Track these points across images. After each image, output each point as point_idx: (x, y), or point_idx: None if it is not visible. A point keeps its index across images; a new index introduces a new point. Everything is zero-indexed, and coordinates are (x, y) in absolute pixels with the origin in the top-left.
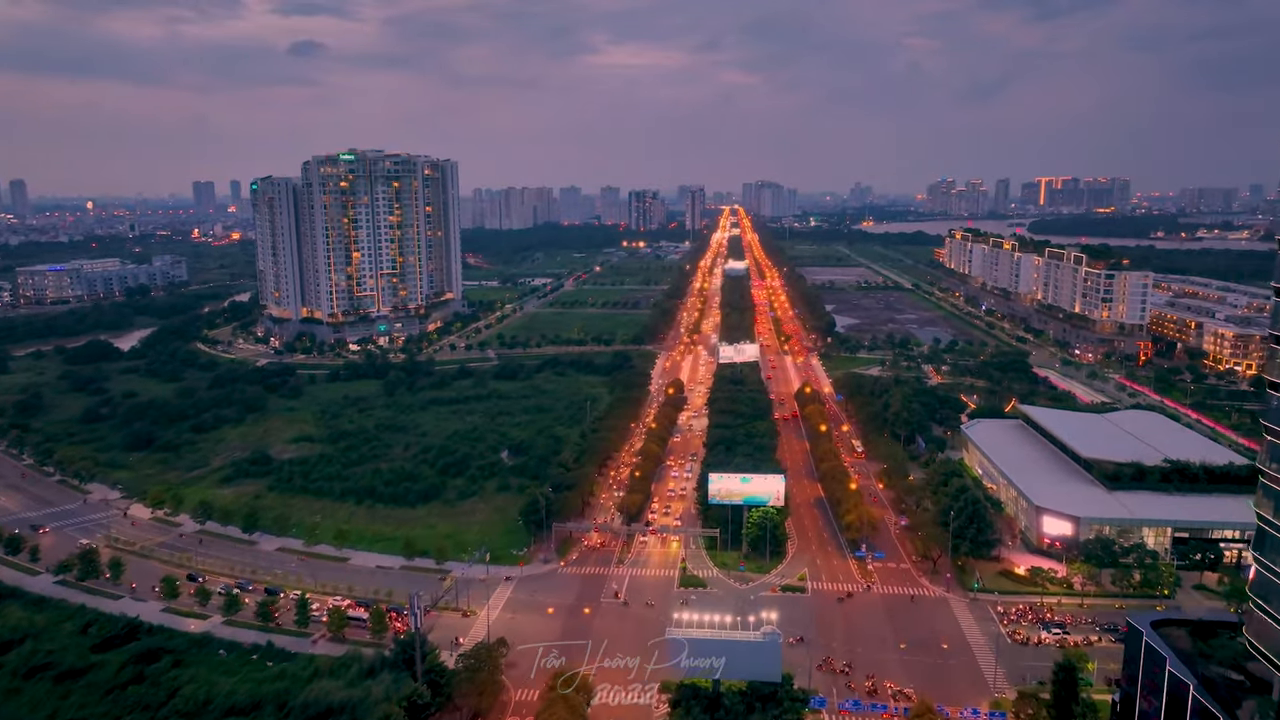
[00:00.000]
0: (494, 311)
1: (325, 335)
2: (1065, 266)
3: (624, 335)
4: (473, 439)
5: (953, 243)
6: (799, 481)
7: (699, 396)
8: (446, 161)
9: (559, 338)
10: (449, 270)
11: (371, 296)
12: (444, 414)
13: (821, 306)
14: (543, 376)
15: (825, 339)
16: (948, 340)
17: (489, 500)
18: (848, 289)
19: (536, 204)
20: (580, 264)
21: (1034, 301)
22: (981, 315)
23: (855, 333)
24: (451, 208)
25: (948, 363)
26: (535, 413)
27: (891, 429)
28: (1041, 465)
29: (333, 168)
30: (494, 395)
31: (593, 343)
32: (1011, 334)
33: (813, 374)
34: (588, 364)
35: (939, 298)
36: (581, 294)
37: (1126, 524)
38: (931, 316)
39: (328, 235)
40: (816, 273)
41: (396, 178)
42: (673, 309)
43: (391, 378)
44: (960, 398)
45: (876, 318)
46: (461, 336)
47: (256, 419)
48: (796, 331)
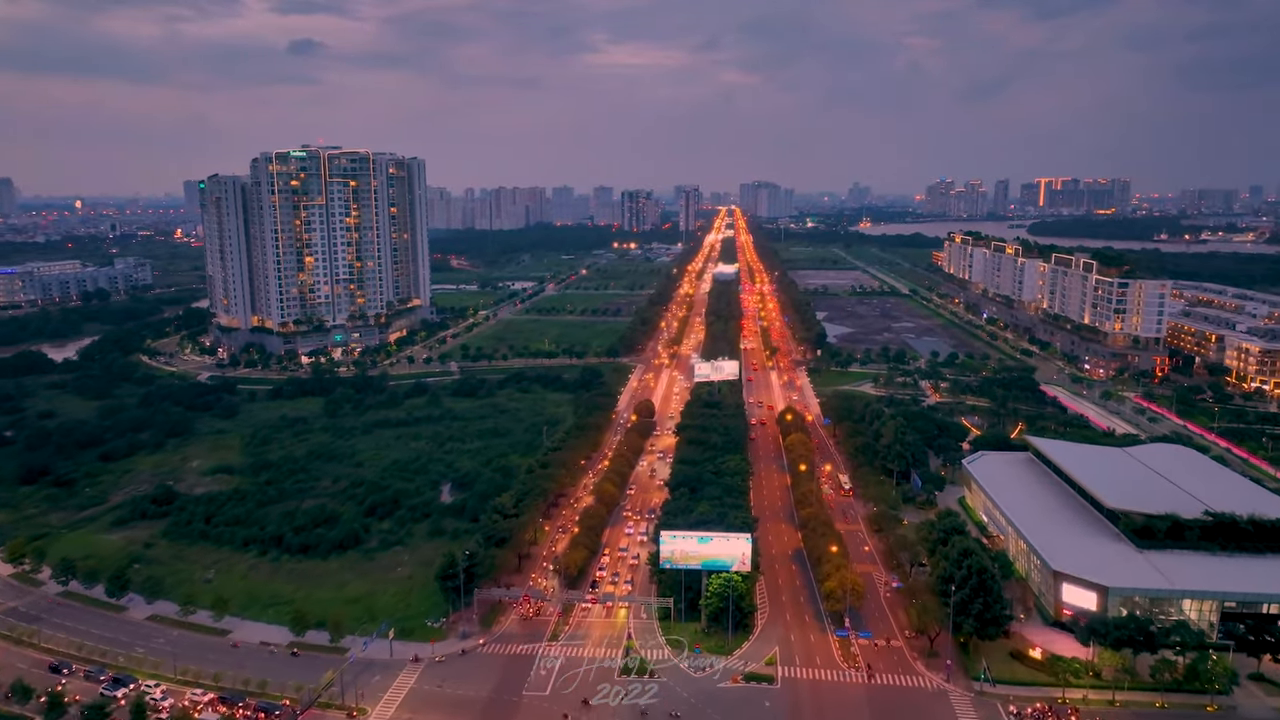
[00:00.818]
0: (465, 319)
1: (275, 347)
2: (1073, 274)
3: (599, 347)
4: (413, 470)
5: (952, 246)
6: (776, 526)
7: (672, 418)
8: (413, 159)
9: (527, 349)
10: (416, 275)
11: (326, 305)
12: (388, 438)
13: (812, 314)
14: (505, 394)
15: (815, 351)
16: (947, 353)
17: (417, 549)
18: (842, 294)
19: (529, 204)
20: (567, 266)
21: (1039, 310)
22: (982, 324)
23: (848, 344)
24: (419, 208)
25: (947, 378)
26: (490, 437)
27: (883, 463)
28: (1057, 514)
29: (283, 165)
30: (447, 416)
31: (564, 355)
32: (1015, 346)
33: (800, 391)
34: (555, 380)
35: (937, 304)
36: (562, 299)
37: (1165, 595)
38: (929, 325)
39: (277, 238)
40: (810, 277)
41: (354, 176)
42: (654, 317)
43: (337, 395)
44: (961, 422)
45: (871, 326)
46: (425, 347)
47: (178, 444)
48: (785, 342)
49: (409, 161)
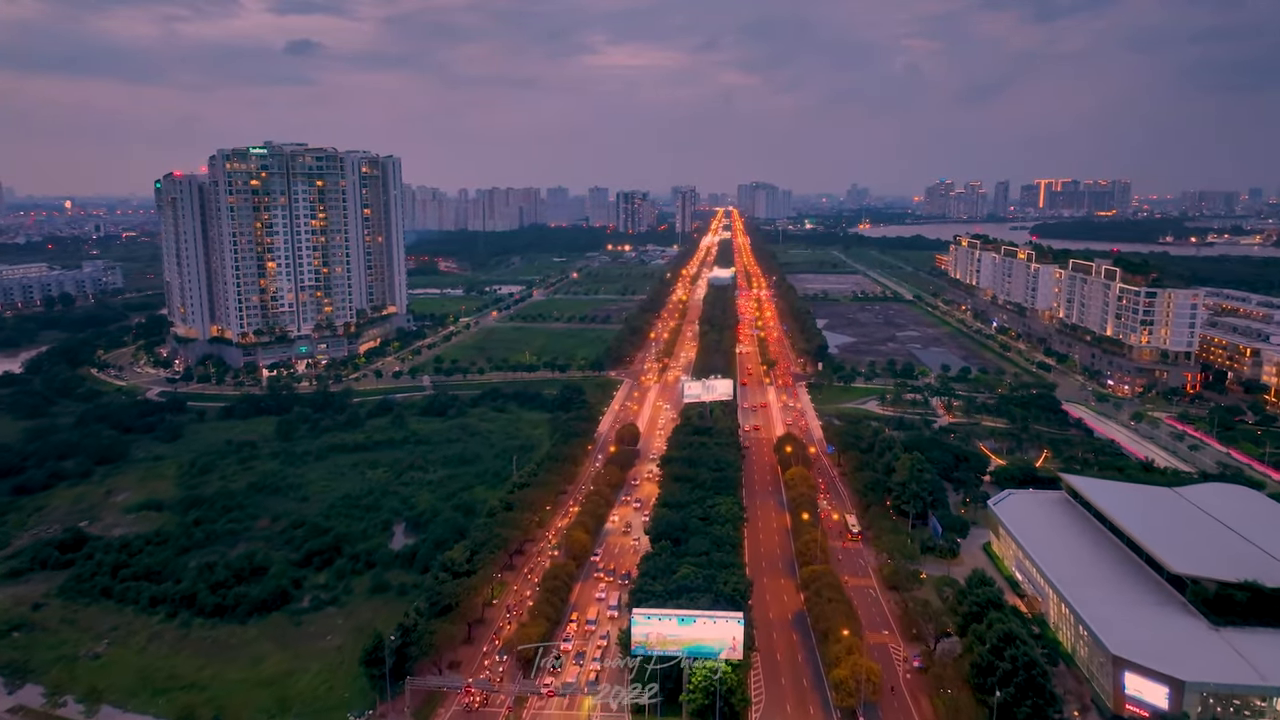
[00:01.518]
0: (445, 327)
1: (235, 359)
2: (1094, 282)
3: (585, 358)
4: (364, 506)
5: (958, 250)
6: (775, 582)
7: (658, 443)
8: (389, 158)
9: (506, 362)
10: (391, 281)
11: (290, 313)
12: (344, 465)
13: (813, 323)
14: (477, 413)
15: (815, 364)
16: (958, 366)
17: (354, 610)
18: (842, 300)
19: (523, 205)
20: (558, 270)
21: (1054, 320)
22: (993, 334)
23: (850, 355)
24: (394, 210)
25: (959, 396)
26: (456, 465)
27: (897, 503)
28: (1108, 576)
29: (241, 163)
30: (411, 439)
31: (546, 368)
32: (1029, 358)
33: (800, 410)
34: (533, 398)
35: (943, 311)
36: (550, 305)
37: (1256, 691)
38: (936, 334)
39: (236, 242)
40: (809, 281)
41: (320, 175)
42: (645, 326)
43: (293, 415)
44: (980, 449)
45: (874, 335)
46: (398, 359)
47: (108, 474)
48: (783, 353)
49: (383, 160)
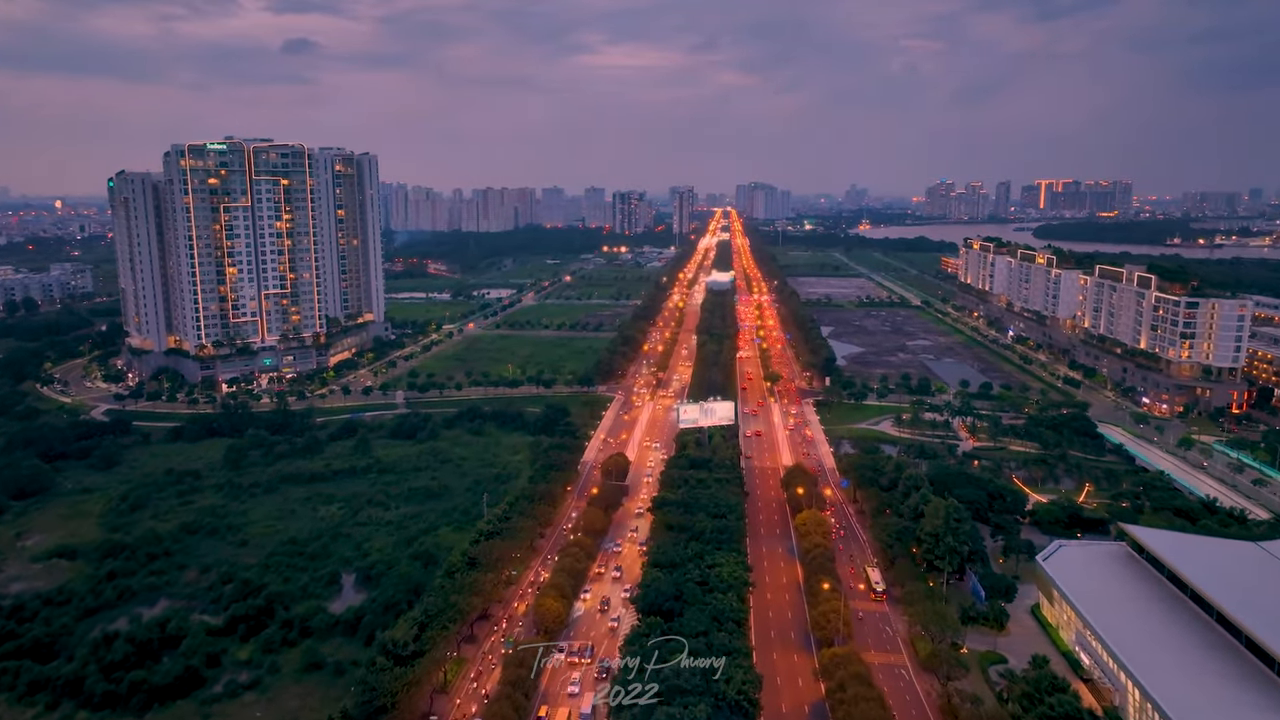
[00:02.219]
0: (426, 335)
1: (192, 373)
2: (1125, 290)
3: (572, 371)
4: (310, 553)
5: (969, 254)
6: (786, 658)
7: (650, 475)
8: (364, 155)
9: (487, 376)
10: (367, 286)
11: (252, 323)
12: (295, 500)
13: (817, 332)
14: (452, 436)
15: (823, 378)
16: (978, 382)
17: (277, 698)
18: (847, 305)
19: (518, 205)
20: (550, 272)
21: (1078, 330)
22: (1010, 343)
23: (859, 367)
24: (370, 210)
25: (983, 415)
26: (421, 499)
27: (928, 556)
28: (1201, 664)
29: (198, 159)
30: (375, 468)
31: (530, 382)
32: (1053, 371)
33: (808, 433)
34: (514, 418)
35: (954, 318)
36: (540, 311)
37: None
38: (948, 343)
39: (192, 246)
40: (811, 284)
41: (286, 173)
42: (639, 336)
43: (246, 439)
44: (1015, 484)
45: (883, 344)
46: (372, 371)
47: (24, 510)
48: (787, 366)
49: (359, 158)
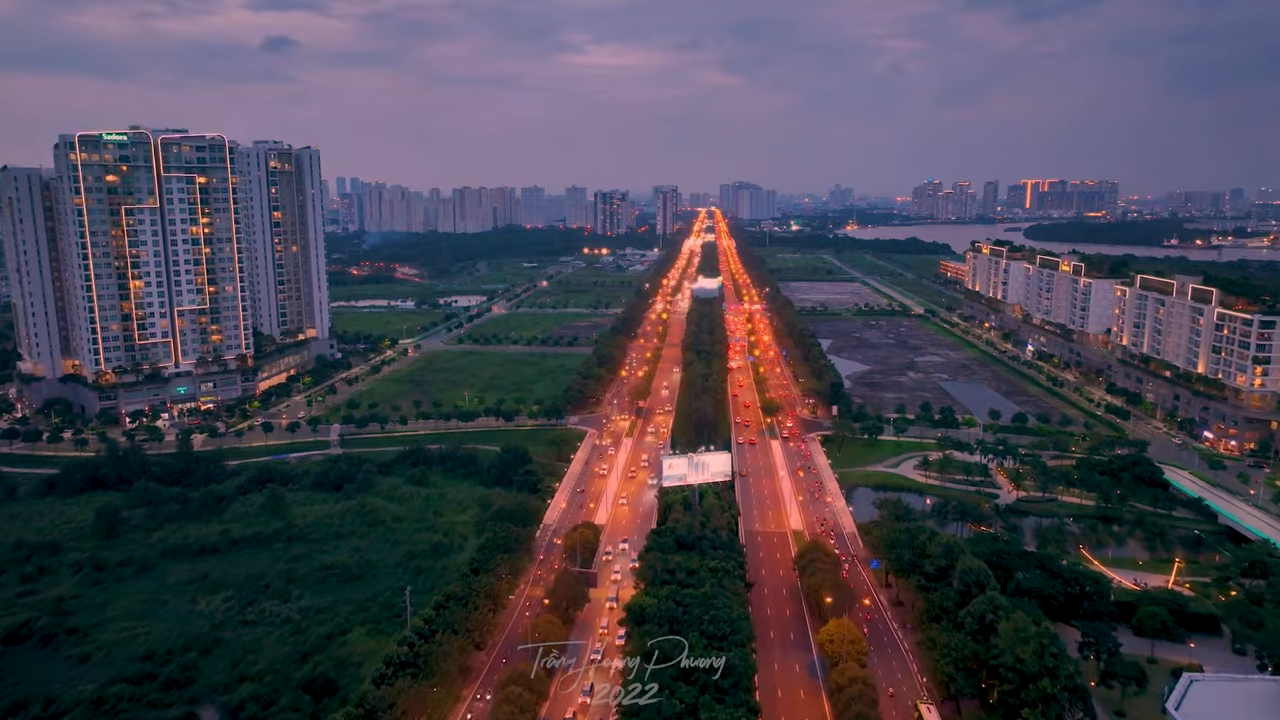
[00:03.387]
0: (378, 352)
1: (91, 403)
2: (1178, 305)
3: (539, 398)
4: (165, 680)
5: (977, 258)
6: None
7: (624, 545)
8: (304, 150)
9: (439, 406)
10: (309, 298)
11: (163, 345)
12: (175, 584)
13: (818, 349)
14: (388, 486)
15: (829, 407)
16: (1009, 411)
17: None
18: (844, 314)
19: (497, 205)
20: (526, 277)
21: (1112, 347)
22: (1031, 360)
23: (867, 390)
24: (312, 212)
25: (1024, 458)
26: (335, 585)
27: (1011, 699)
28: None
29: (93, 152)
30: (285, 534)
31: (489, 414)
32: (1087, 395)
33: (817, 477)
34: (466, 461)
35: (963, 329)
36: (511, 322)
37: None
38: (961, 359)
39: (85, 254)
40: (803, 290)
41: (203, 170)
42: (617, 354)
43: (133, 493)
44: (1087, 558)
45: (889, 361)
46: (307, 399)
47: None
48: (786, 389)
49: (298, 153)
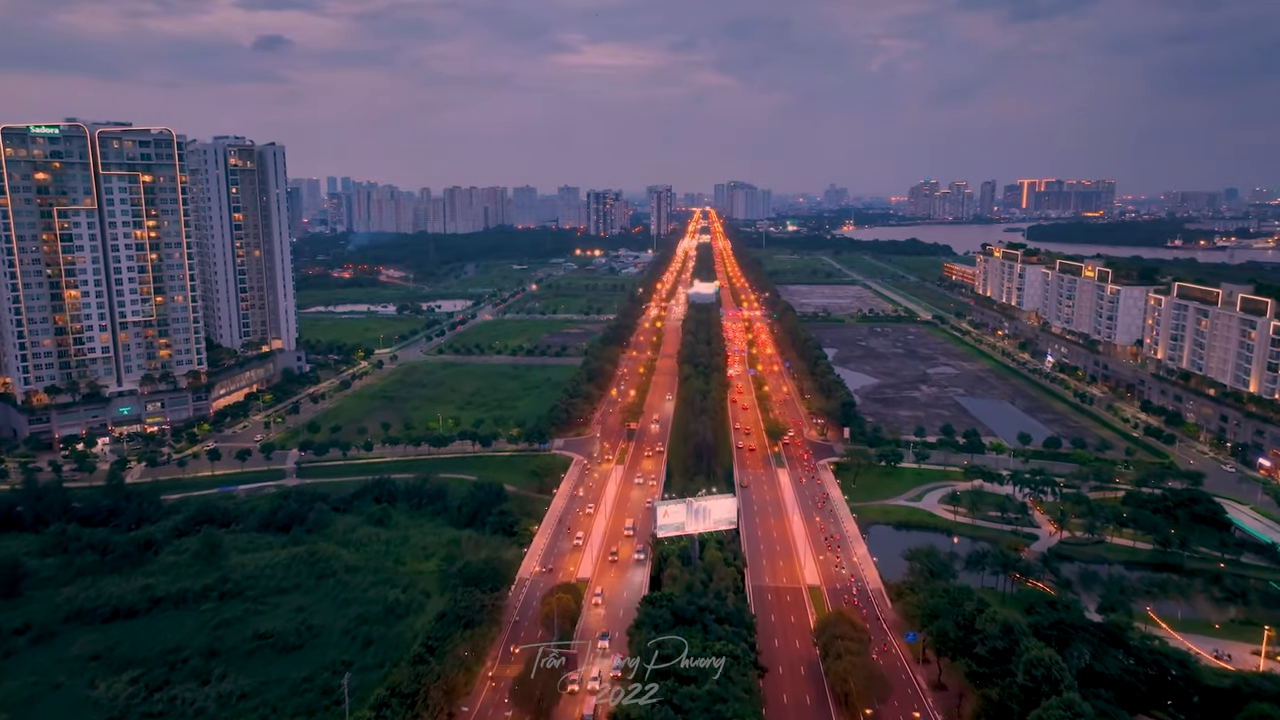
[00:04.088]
0: (351, 365)
1: (21, 426)
2: (1223, 316)
3: (521, 418)
4: None
5: (988, 262)
6: None
7: (610, 606)
8: (268, 146)
9: (409, 429)
10: (274, 307)
11: (104, 361)
12: (72, 661)
13: (824, 360)
14: (344, 527)
15: (840, 427)
16: (1034, 431)
17: None
18: (847, 321)
19: (488, 206)
20: (515, 280)
21: (1144, 359)
22: (1051, 372)
23: (879, 407)
24: (276, 214)
25: (1063, 492)
26: (268, 659)
27: None
28: None
29: (20, 148)
30: (219, 589)
31: (465, 438)
32: (1119, 413)
33: (831, 513)
34: (436, 495)
35: (974, 338)
36: (496, 329)
37: None
38: (976, 370)
39: (11, 260)
40: (803, 294)
41: (149, 167)
42: (608, 367)
43: (48, 535)
44: (1161, 629)
45: (900, 373)
46: (267, 418)
47: None
48: (792, 407)
49: (260, 150)
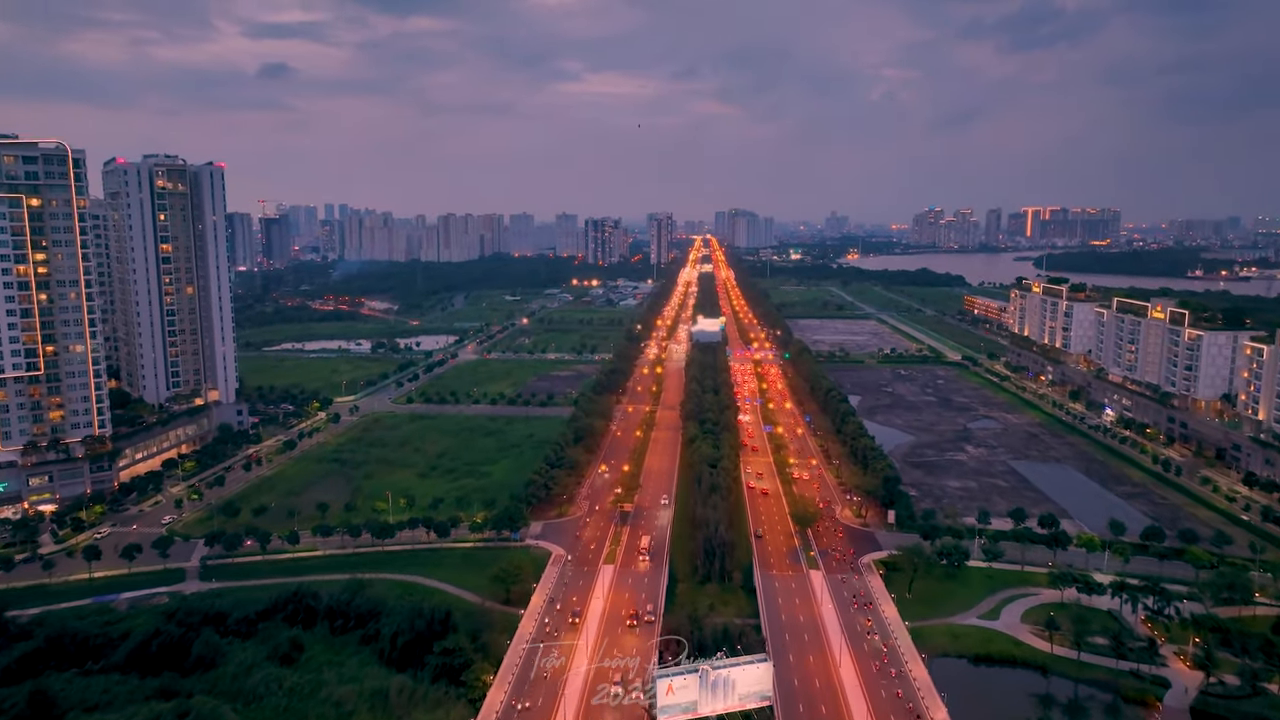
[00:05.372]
0: (301, 419)
1: None
2: None
3: (493, 493)
4: None
5: (1026, 298)
6: None
7: None
8: (204, 167)
9: (349, 512)
10: (211, 353)
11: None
12: None
13: (853, 418)
14: (239, 664)
15: (883, 509)
16: (1136, 521)
17: None
18: (866, 361)
19: (484, 233)
20: (506, 312)
21: (1232, 417)
22: (1113, 429)
23: (921, 475)
24: (213, 244)
25: (1188, 617)
26: None
27: None
28: None
29: None
30: None
31: (418, 523)
32: (1215, 488)
33: (890, 651)
34: (366, 616)
35: (1015, 384)
36: (478, 372)
37: None
38: (1023, 424)
39: None
40: (815, 330)
41: (35, 189)
42: (598, 424)
43: None
44: None
45: (936, 428)
46: (186, 491)
47: None
48: (820, 484)
49: (195, 170)
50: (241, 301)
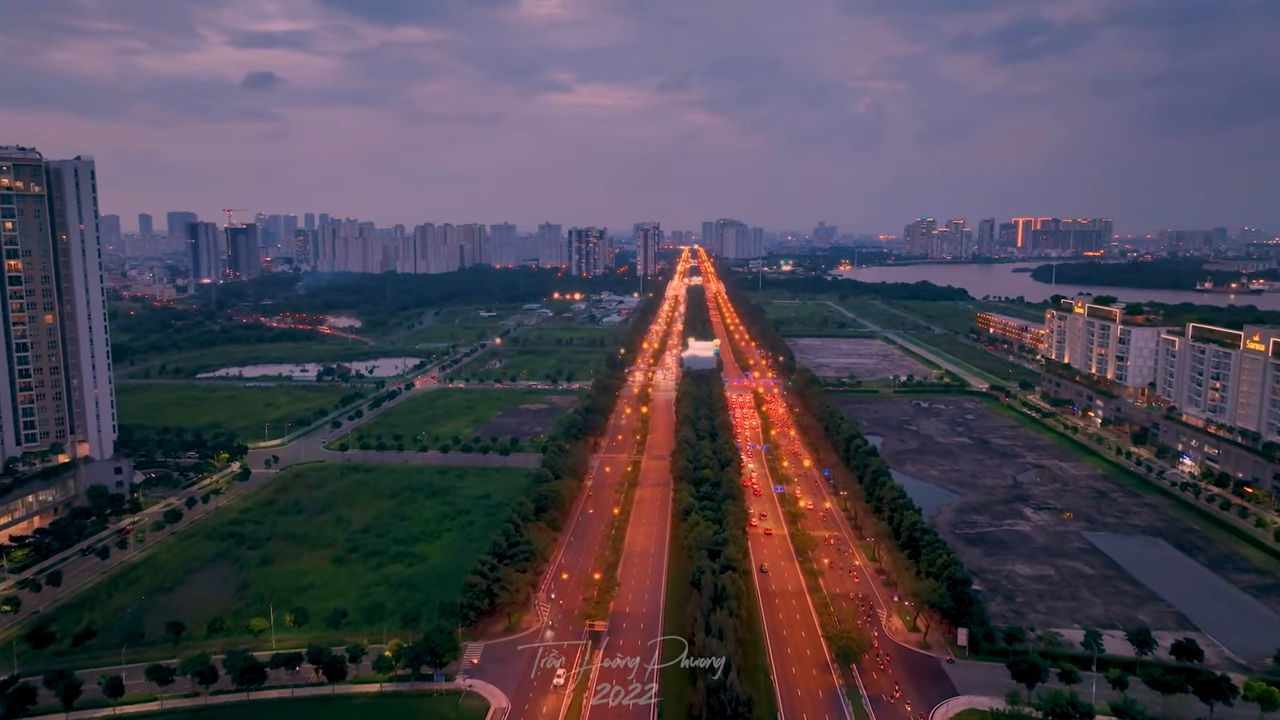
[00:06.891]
0: (204, 474)
1: None
2: None
3: (420, 595)
4: None
5: (1067, 319)
6: None
7: None
8: (67, 162)
9: (226, 623)
10: (80, 396)
11: None
12: None
13: (891, 483)
14: None
15: (951, 625)
16: (1247, 608)
17: None
18: (881, 391)
19: (464, 244)
20: (479, 330)
21: None
22: (1198, 484)
23: (980, 557)
24: (80, 259)
25: None
26: None
27: None
28: None
29: None
30: None
31: (308, 659)
32: None
33: None
34: None
35: (1059, 419)
36: (434, 405)
37: None
38: (1087, 477)
39: None
40: (817, 351)
41: None
42: (565, 490)
43: None
44: None
45: (981, 482)
46: (15, 587)
47: None
48: (858, 577)
49: (55, 167)
50: (190, 319)
